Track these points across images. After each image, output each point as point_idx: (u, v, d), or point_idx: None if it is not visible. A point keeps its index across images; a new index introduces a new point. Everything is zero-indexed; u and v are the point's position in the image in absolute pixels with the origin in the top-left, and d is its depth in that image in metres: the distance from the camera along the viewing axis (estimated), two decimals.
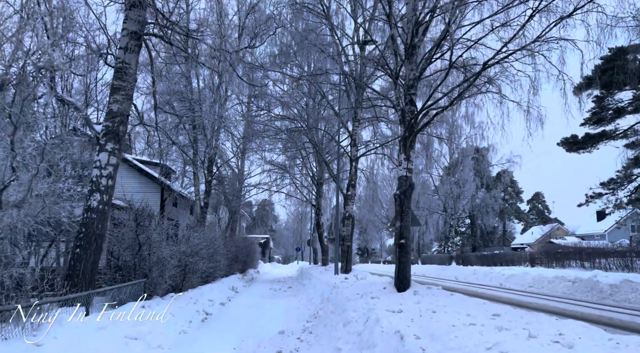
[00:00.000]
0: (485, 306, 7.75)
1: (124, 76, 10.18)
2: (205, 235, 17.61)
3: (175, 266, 13.01)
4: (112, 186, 10.22)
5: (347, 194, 22.17)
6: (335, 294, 11.97)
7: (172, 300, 11.66)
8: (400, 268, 10.94)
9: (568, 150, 26.19)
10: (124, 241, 11.01)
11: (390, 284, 11.21)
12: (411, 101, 11.40)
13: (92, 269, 9.79)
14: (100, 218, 9.90)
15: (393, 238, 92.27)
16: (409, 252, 10.98)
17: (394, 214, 12.34)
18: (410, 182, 11.24)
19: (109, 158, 10.12)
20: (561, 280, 22.35)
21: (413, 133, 11.17)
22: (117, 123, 10.22)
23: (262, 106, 25.40)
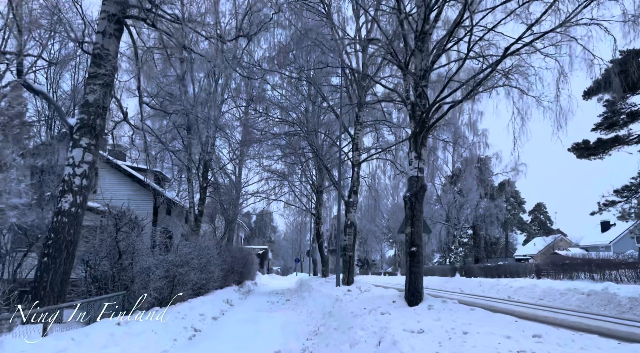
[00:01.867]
0: (518, 324, 6.57)
1: (102, 63, 9.05)
2: (197, 243, 16.43)
3: (162, 277, 11.81)
4: (88, 186, 9.05)
5: (348, 201, 20.99)
6: (338, 308, 10.75)
7: (156, 315, 10.45)
8: (412, 280, 9.75)
9: (579, 156, 25.05)
10: (101, 248, 9.80)
11: (400, 297, 10.01)
12: (422, 94, 10.28)
13: (62, 280, 8.60)
14: (73, 222, 8.72)
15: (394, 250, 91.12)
16: (421, 261, 9.80)
17: (404, 218, 11.18)
18: (422, 183, 10.09)
19: (84, 154, 8.97)
20: (574, 293, 21.25)
21: (425, 128, 10.03)
22: (93, 116, 9.08)
23: (260, 110, 24.27)
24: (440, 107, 10.40)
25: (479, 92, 10.83)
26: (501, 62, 9.07)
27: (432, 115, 10.24)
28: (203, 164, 24.09)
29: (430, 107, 9.85)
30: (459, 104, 10.12)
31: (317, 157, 24.47)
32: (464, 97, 9.69)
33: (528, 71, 11.28)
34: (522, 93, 11.29)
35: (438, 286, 36.13)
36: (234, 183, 31.53)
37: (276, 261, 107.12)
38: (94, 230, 10.80)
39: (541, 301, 22.32)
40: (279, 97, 25.94)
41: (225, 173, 31.42)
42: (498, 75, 10.92)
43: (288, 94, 25.98)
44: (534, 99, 11.32)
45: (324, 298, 14.64)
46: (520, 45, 8.94)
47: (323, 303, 13.65)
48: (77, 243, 8.93)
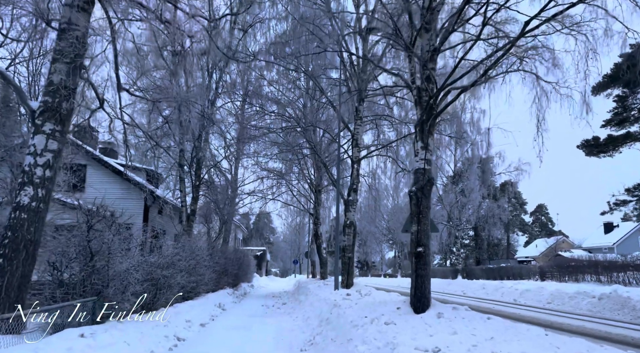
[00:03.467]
0: (550, 338, 5.52)
1: (70, 39, 7.99)
2: (185, 244, 15.36)
3: (143, 280, 10.74)
4: (52, 178, 7.99)
5: (348, 200, 19.93)
6: (336, 315, 9.67)
7: (132, 323, 9.38)
8: (418, 284, 8.69)
9: (587, 154, 24.03)
10: (69, 249, 8.72)
11: (405, 303, 8.94)
12: (429, 78, 9.23)
13: (21, 285, 7.54)
14: (33, 218, 7.66)
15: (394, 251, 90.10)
16: (429, 263, 8.75)
17: (408, 216, 10.16)
18: (429, 176, 9.04)
19: (47, 141, 7.91)
20: (584, 296, 20.29)
21: (432, 115, 8.98)
22: (58, 98, 8.01)
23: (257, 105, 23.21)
24: (449, 93, 9.36)
25: (491, 77, 9.78)
26: (521, 37, 8.02)
27: (440, 101, 9.20)
28: (196, 162, 23.04)
29: (439, 90, 8.80)
30: (471, 88, 9.10)
31: (315, 154, 23.41)
32: (477, 79, 8.65)
33: (544, 55, 10.26)
34: (538, 79, 10.26)
35: (439, 289, 35.17)
36: (229, 182, 30.48)
37: (275, 263, 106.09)
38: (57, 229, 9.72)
39: (549, 304, 21.36)
40: (276, 93, 24.94)
41: (220, 171, 30.39)
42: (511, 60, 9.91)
43: (285, 89, 24.96)
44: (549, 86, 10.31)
45: (321, 303, 13.56)
46: (543, 19, 7.91)
47: (320, 309, 12.57)
48: (39, 242, 7.86)
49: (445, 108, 9.26)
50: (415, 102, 9.46)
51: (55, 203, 15.01)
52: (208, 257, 17.64)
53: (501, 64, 9.42)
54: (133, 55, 19.40)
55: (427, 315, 7.83)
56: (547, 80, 10.22)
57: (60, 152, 8.15)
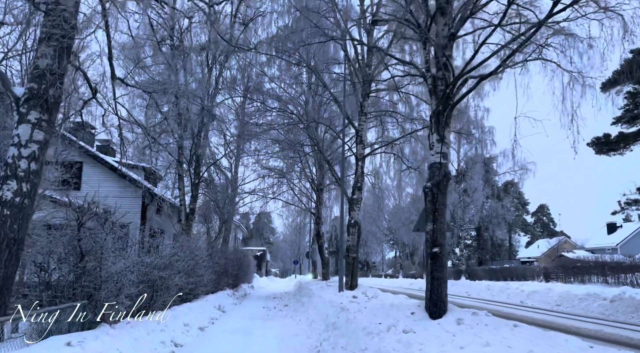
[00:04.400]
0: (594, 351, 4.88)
1: (56, 19, 7.35)
2: (183, 244, 14.71)
3: (138, 282, 10.10)
4: (38, 172, 7.35)
5: (352, 198, 19.27)
6: (344, 319, 9.02)
7: (126, 329, 8.74)
8: (434, 287, 8.04)
9: (597, 152, 23.42)
10: (57, 248, 8.07)
11: (419, 307, 8.30)
12: (445, 65, 8.60)
13: (3, 287, 6.90)
14: (17, 215, 7.02)
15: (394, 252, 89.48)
16: (445, 265, 8.11)
17: (421, 213, 9.52)
18: (446, 170, 8.41)
19: (33, 132, 7.26)
20: (595, 298, 19.72)
21: (449, 105, 8.35)
22: (45, 84, 7.37)
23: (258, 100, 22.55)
24: (466, 82, 8.73)
25: (509, 66, 9.14)
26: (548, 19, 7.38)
27: (456, 91, 8.57)
28: (195, 159, 22.39)
29: (457, 78, 8.17)
30: (491, 76, 8.45)
31: (318, 151, 22.75)
32: (500, 64, 8.01)
33: (565, 43, 9.63)
34: (559, 68, 9.63)
35: None
36: (229, 180, 29.84)
37: (275, 263, 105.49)
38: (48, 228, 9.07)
39: (558, 307, 20.78)
40: (277, 89, 24.30)
41: (220, 170, 29.75)
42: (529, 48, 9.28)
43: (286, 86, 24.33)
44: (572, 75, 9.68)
45: (326, 306, 12.90)
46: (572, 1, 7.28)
47: (326, 312, 11.91)
48: (23, 241, 7.22)
49: (462, 98, 8.65)
50: (429, 91, 8.84)
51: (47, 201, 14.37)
52: (207, 257, 17.01)
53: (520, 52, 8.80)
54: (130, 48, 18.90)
55: (445, 321, 7.20)
56: (568, 69, 9.59)
57: (47, 143, 7.51)
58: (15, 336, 7.42)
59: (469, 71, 8.28)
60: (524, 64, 9.81)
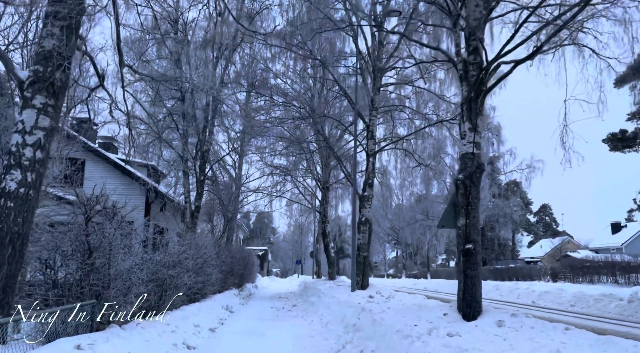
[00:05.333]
0: None
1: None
2: (191, 241, 14.14)
3: (147, 281, 9.54)
4: (44, 161, 6.81)
5: (363, 195, 18.72)
6: (369, 321, 8.46)
7: (137, 330, 8.20)
8: (468, 286, 7.50)
9: (612, 148, 22.86)
10: (63, 244, 7.52)
11: (451, 308, 7.76)
12: (476, 50, 8.06)
13: (6, 286, 6.36)
14: (22, 208, 6.47)
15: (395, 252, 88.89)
16: (479, 262, 7.57)
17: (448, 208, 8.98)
18: (479, 161, 7.86)
19: (38, 117, 6.71)
20: (610, 299, 19.23)
21: (482, 91, 7.81)
22: (51, 67, 6.83)
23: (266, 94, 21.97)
24: (498, 68, 8.20)
25: (543, 51, 8.59)
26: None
27: (489, 76, 8.04)
28: (200, 155, 21.84)
29: (492, 62, 7.64)
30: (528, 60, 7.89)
31: (327, 147, 22.16)
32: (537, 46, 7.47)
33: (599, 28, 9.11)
34: (593, 54, 9.10)
35: (449, 290, 34.09)
36: (233, 178, 29.32)
37: (275, 263, 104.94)
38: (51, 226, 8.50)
39: (573, 307, 20.27)
40: (283, 85, 23.76)
41: (224, 168, 29.23)
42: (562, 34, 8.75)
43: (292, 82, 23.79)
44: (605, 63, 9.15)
45: (341, 306, 12.34)
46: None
47: (342, 313, 11.35)
48: (28, 236, 6.67)
49: (496, 84, 8.11)
50: (460, 77, 8.30)
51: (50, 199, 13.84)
52: (215, 256, 16.45)
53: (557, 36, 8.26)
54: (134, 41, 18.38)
55: (483, 323, 6.66)
56: (603, 55, 9.06)
57: (53, 131, 6.97)
58: (19, 337, 6.89)
59: (504, 54, 7.74)
60: (557, 50, 9.27)
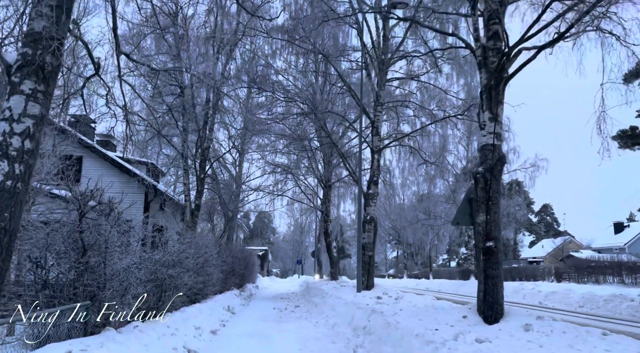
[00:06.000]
0: None
1: None
2: (192, 240, 13.63)
3: (146, 281, 9.04)
4: (33, 151, 6.29)
5: (368, 193, 18.22)
6: (381, 324, 7.94)
7: (134, 333, 7.69)
8: (488, 286, 6.99)
9: (622, 146, 22.36)
10: (55, 242, 7.01)
11: (471, 310, 7.25)
12: (495, 35, 7.55)
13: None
14: (9, 201, 5.95)
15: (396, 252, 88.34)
16: (501, 261, 7.06)
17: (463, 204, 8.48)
18: (500, 153, 7.36)
19: (27, 104, 6.20)
20: (621, 299, 18.85)
21: (503, 79, 7.31)
22: (41, 50, 6.32)
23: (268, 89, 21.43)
24: (519, 53, 7.69)
25: (566, 37, 8.08)
26: None
27: (509, 63, 7.53)
28: (200, 153, 21.33)
29: (513, 47, 7.14)
30: (551, 45, 7.38)
31: (331, 143, 21.63)
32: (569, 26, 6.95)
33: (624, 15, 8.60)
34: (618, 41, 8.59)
35: (452, 290, 33.73)
36: (233, 177, 28.81)
37: (275, 263, 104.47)
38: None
39: (582, 308, 19.82)
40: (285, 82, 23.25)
41: (224, 167, 28.73)
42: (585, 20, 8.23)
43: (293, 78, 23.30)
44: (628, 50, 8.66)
45: (348, 307, 11.82)
46: None
47: (350, 314, 10.84)
48: (16, 232, 6.15)
49: (518, 71, 7.59)
50: (478, 64, 7.80)
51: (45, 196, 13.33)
52: (216, 255, 15.94)
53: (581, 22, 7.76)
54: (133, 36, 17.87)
55: (508, 326, 6.15)
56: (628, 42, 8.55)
57: (44, 119, 6.45)
58: (11, 340, 6.41)
59: (526, 39, 7.24)
60: (577, 38, 8.76)
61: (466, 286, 35.73)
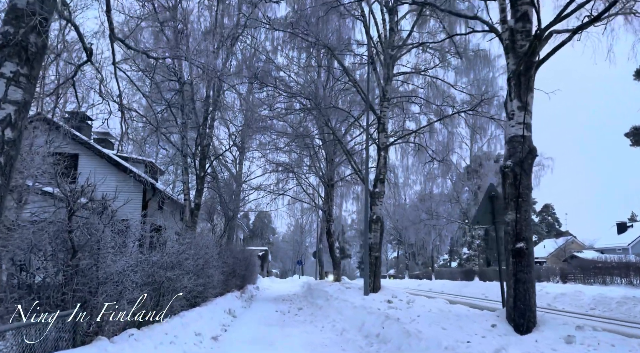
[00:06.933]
0: None
1: None
2: (192, 240, 12.97)
3: (143, 284, 8.38)
4: (15, 142, 5.63)
5: (374, 191, 17.57)
6: (398, 331, 7.28)
7: (129, 343, 7.03)
8: (519, 292, 6.34)
9: (634, 143, 21.79)
10: (42, 242, 6.35)
11: (499, 318, 6.59)
12: (525, 16, 6.90)
13: None
14: None
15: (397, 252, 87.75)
16: (532, 264, 6.42)
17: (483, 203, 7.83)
18: (530, 145, 6.71)
19: (8, 88, 5.55)
20: (635, 302, 18.35)
21: (533, 64, 6.66)
22: (24, 28, 5.66)
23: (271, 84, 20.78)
24: (550, 37, 7.05)
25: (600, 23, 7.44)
26: None
27: (539, 48, 6.88)
28: (200, 150, 20.69)
29: (545, 29, 6.48)
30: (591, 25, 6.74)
31: (335, 140, 20.97)
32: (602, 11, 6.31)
33: None
34: None
35: (456, 291, 33.11)
36: (234, 176, 28.17)
37: (275, 264, 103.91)
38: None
39: (593, 311, 19.20)
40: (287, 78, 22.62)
41: (224, 165, 28.10)
42: None
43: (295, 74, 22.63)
44: None
45: (357, 312, 11.16)
46: None
47: (360, 319, 10.17)
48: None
49: (551, 55, 6.95)
50: (505, 49, 7.15)
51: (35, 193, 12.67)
52: (217, 256, 15.28)
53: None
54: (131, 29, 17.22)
55: (546, 337, 5.50)
56: None
57: (27, 106, 5.79)
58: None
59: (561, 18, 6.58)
60: (607, 23, 8.12)
61: (470, 287, 35.16)
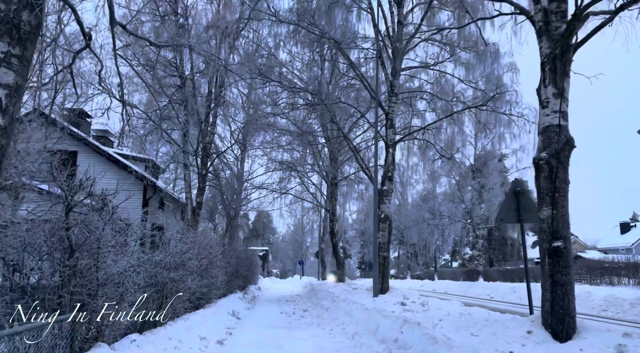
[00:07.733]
0: None
1: None
2: (196, 239, 12.43)
3: (145, 285, 7.84)
4: (7, 129, 5.09)
5: (382, 189, 17.04)
6: (421, 337, 6.72)
7: (132, 349, 6.51)
8: (557, 295, 5.81)
9: None
10: (38, 240, 5.81)
11: (534, 323, 6.06)
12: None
13: None
14: None
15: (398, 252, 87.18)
16: (571, 265, 5.88)
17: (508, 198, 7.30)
18: (568, 135, 6.18)
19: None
20: None
21: (570, 47, 6.13)
22: (16, 5, 5.12)
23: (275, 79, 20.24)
24: (586, 19, 6.53)
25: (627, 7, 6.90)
26: None
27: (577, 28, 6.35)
28: (202, 148, 20.17)
29: (584, 9, 5.95)
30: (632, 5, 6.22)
31: (341, 136, 20.45)
32: None
33: None
34: None
35: (460, 292, 32.56)
36: (235, 174, 27.64)
37: (275, 264, 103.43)
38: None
39: (605, 313, 18.66)
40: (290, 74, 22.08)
41: (226, 164, 27.57)
42: None
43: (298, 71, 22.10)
44: None
45: (370, 314, 10.62)
46: None
47: (373, 322, 9.63)
48: None
49: (589, 37, 6.40)
50: (538, 32, 6.62)
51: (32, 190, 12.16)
52: (221, 256, 14.74)
53: None
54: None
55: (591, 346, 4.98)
56: None
57: (20, 90, 5.24)
58: None
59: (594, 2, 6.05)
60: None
61: (475, 287, 34.65)
